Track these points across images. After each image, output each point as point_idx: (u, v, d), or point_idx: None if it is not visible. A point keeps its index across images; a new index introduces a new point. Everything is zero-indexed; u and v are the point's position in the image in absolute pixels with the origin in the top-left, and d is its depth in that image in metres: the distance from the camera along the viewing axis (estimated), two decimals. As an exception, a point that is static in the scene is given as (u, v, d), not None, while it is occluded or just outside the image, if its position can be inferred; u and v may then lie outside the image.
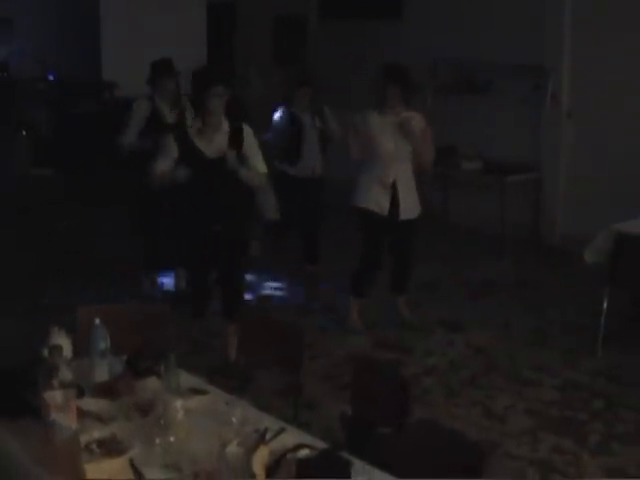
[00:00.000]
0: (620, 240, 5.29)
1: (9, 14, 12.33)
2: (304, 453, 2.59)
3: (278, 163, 6.55)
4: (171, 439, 2.66)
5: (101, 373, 3.12)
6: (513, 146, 8.05)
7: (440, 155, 8.04)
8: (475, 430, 4.40)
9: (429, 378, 5.16)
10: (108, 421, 2.84)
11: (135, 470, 2.54)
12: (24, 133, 10.74)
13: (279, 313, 6.00)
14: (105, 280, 6.66)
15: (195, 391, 3.09)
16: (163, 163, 4.79)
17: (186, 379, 3.14)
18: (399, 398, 3.10)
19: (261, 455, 2.51)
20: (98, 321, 3.14)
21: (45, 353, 2.98)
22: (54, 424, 2.59)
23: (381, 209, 5.61)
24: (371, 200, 5.62)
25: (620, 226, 5.39)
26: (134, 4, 9.38)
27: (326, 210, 6.87)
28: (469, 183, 8.42)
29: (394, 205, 5.60)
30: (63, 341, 3.07)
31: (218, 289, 5.16)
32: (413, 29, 8.94)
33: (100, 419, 2.85)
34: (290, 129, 6.46)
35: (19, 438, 2.71)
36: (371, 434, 3.07)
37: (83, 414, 2.81)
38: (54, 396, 2.66)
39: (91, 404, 2.93)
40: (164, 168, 4.77)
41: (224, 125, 4.83)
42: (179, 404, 2.76)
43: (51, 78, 11.75)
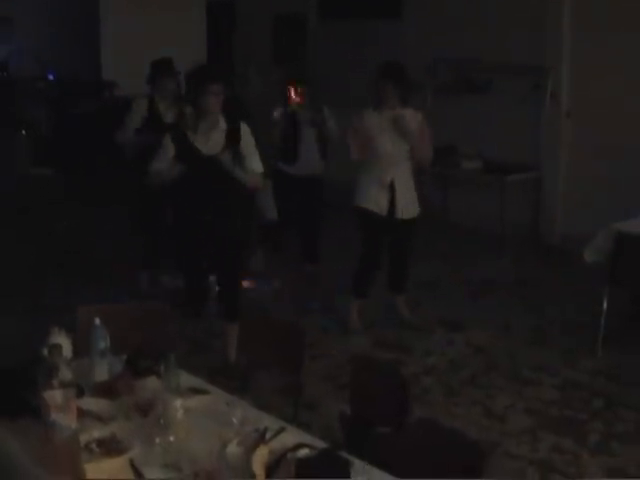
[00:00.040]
0: (620, 239, 5.29)
1: (9, 13, 12.34)
2: (304, 453, 2.59)
3: (275, 162, 6.54)
4: (171, 439, 2.66)
5: (101, 373, 3.13)
6: (513, 146, 8.05)
7: (440, 154, 8.07)
8: (475, 429, 4.40)
9: (429, 377, 5.16)
10: (108, 421, 2.84)
11: (135, 470, 2.55)
12: (24, 132, 10.74)
13: (279, 313, 6.00)
14: (105, 280, 6.66)
15: (195, 391, 3.09)
16: (160, 163, 4.79)
17: (186, 379, 3.14)
18: (399, 397, 3.10)
19: (261, 455, 2.52)
20: (98, 321, 3.15)
21: (45, 352, 2.99)
22: (54, 424, 2.59)
23: (380, 209, 5.61)
24: (370, 200, 5.62)
25: (620, 225, 5.39)
26: (134, 4, 9.37)
27: (326, 209, 6.86)
28: (469, 182, 8.42)
29: (392, 204, 5.61)
30: (63, 340, 3.07)
31: (215, 290, 5.16)
32: (413, 29, 8.94)
33: (100, 419, 2.85)
34: (287, 128, 6.46)
35: (19, 438, 2.70)
36: (370, 434, 3.07)
37: (83, 414, 2.81)
38: (54, 396, 2.66)
39: (91, 404, 2.93)
40: (161, 167, 4.77)
41: (221, 123, 4.81)
42: (179, 404, 2.76)
43: (51, 77, 11.76)
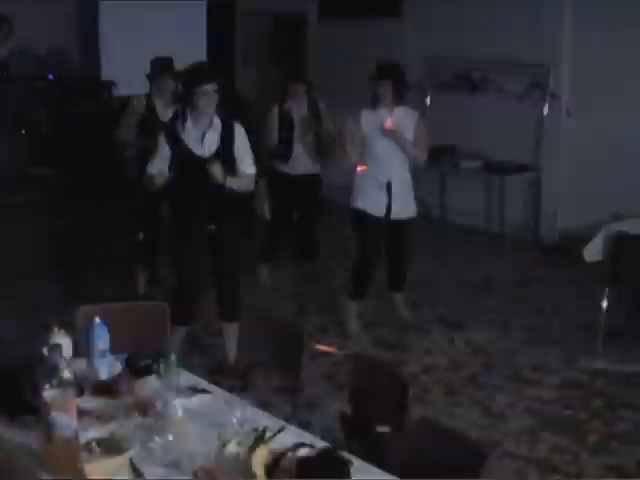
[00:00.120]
0: (620, 239, 5.29)
1: (9, 13, 12.32)
2: (303, 452, 2.60)
3: (271, 161, 6.52)
4: (170, 438, 2.66)
5: (101, 372, 3.13)
6: (513, 146, 8.05)
7: (440, 154, 8.10)
8: (474, 429, 4.40)
9: (428, 377, 5.16)
10: (108, 420, 2.84)
11: (134, 469, 2.55)
12: (23, 132, 10.72)
13: (279, 313, 6.00)
14: (105, 279, 6.66)
15: (195, 390, 3.10)
16: (154, 166, 4.75)
17: (186, 378, 3.14)
18: (398, 397, 3.10)
19: (260, 454, 2.52)
20: (98, 320, 3.15)
21: (45, 352, 2.99)
22: (54, 423, 2.59)
23: (377, 211, 5.59)
24: (367, 200, 5.60)
25: (620, 225, 5.39)
26: (134, 4, 9.37)
27: (324, 209, 6.85)
28: (469, 182, 8.42)
29: (390, 206, 5.58)
30: (63, 340, 3.07)
31: (214, 291, 5.13)
32: (413, 28, 8.94)
33: (100, 418, 2.85)
34: (282, 126, 6.44)
35: (19, 437, 2.71)
36: (370, 433, 3.07)
37: (83, 413, 2.81)
38: (54, 395, 2.66)
39: (91, 403, 2.93)
40: (156, 171, 4.74)
41: (216, 124, 4.75)
42: (178, 403, 2.76)
43: (51, 77, 11.74)
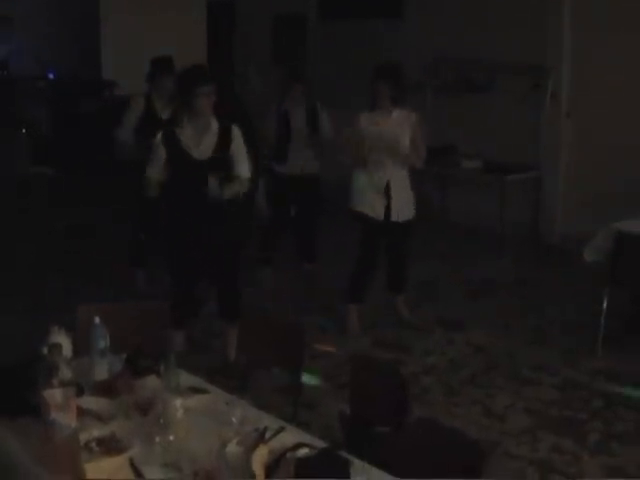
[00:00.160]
0: (620, 239, 5.29)
1: (9, 13, 12.34)
2: (303, 452, 2.59)
3: (269, 161, 6.52)
4: (171, 438, 2.65)
5: (101, 372, 3.12)
6: (513, 145, 8.06)
7: (440, 154, 8.10)
8: (475, 429, 4.40)
9: (428, 377, 5.16)
10: (108, 420, 2.84)
11: (134, 469, 2.54)
12: (24, 132, 10.74)
13: (279, 313, 6.00)
14: (105, 279, 6.67)
15: (195, 390, 3.09)
16: (153, 169, 4.73)
17: (186, 378, 3.13)
18: (398, 397, 3.10)
19: (260, 454, 2.51)
20: (98, 320, 3.14)
21: (45, 351, 2.98)
22: (54, 423, 2.59)
23: (376, 212, 5.58)
24: (366, 203, 5.59)
25: (620, 225, 5.39)
26: (134, 4, 9.37)
27: (324, 209, 6.83)
28: (469, 182, 8.43)
29: (388, 208, 5.57)
30: (63, 340, 3.07)
31: (214, 291, 5.14)
32: (413, 28, 8.94)
33: (100, 418, 2.85)
34: (280, 127, 6.43)
35: (19, 437, 2.70)
36: (370, 433, 3.07)
37: (83, 412, 2.81)
38: (54, 394, 2.66)
39: (91, 402, 2.93)
40: (154, 175, 4.73)
41: (213, 126, 4.71)
42: (179, 403, 2.76)
43: (51, 77, 11.76)
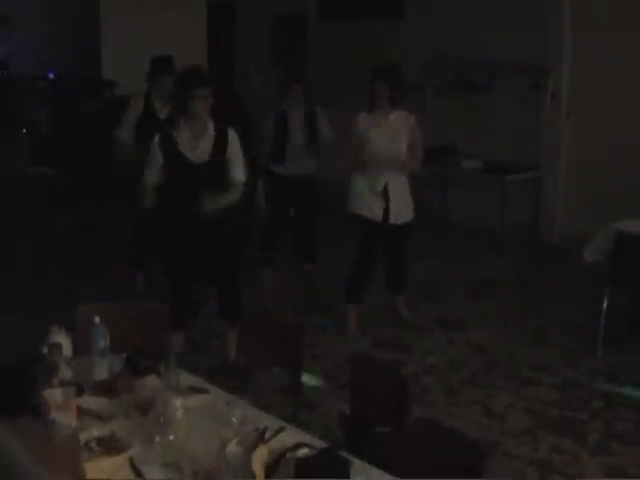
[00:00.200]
0: (620, 239, 5.29)
1: (9, 12, 12.35)
2: (303, 452, 2.59)
3: (267, 162, 6.51)
4: (171, 438, 2.65)
5: (101, 371, 3.12)
6: (513, 146, 8.06)
7: (440, 154, 8.11)
8: (474, 429, 4.39)
9: (428, 377, 5.16)
10: (108, 419, 2.84)
11: (134, 469, 2.54)
12: (24, 131, 10.74)
13: (279, 313, 5.99)
14: (105, 279, 6.67)
15: (195, 390, 3.09)
16: (150, 172, 4.72)
17: (186, 378, 3.13)
18: (398, 397, 3.10)
19: (260, 454, 2.51)
20: (98, 319, 3.15)
21: (45, 351, 2.98)
22: (54, 422, 2.59)
23: (374, 215, 5.57)
24: (364, 206, 5.58)
25: (620, 225, 5.39)
26: (134, 4, 9.37)
27: (322, 210, 6.82)
28: (469, 182, 8.42)
29: (387, 210, 5.56)
30: (63, 339, 3.07)
31: (214, 291, 5.13)
32: (413, 28, 8.94)
33: (100, 417, 2.85)
34: (277, 128, 6.43)
35: (19, 436, 2.70)
36: (370, 433, 3.07)
37: (83, 412, 2.81)
38: (54, 394, 2.66)
39: (91, 402, 2.93)
40: (151, 178, 4.71)
41: (209, 129, 4.68)
42: (179, 403, 2.76)
43: (51, 76, 11.76)
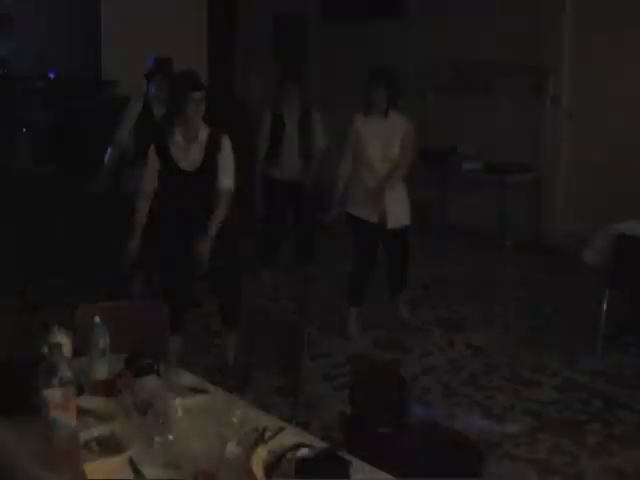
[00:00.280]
0: (620, 240, 5.29)
1: (9, 12, 12.34)
2: (303, 452, 2.59)
3: (261, 165, 6.50)
4: (170, 438, 2.65)
5: (101, 371, 3.12)
6: (513, 146, 8.06)
7: (440, 155, 8.11)
8: (474, 430, 4.39)
9: (428, 378, 5.16)
10: (107, 419, 2.83)
11: (134, 468, 2.54)
12: (24, 131, 10.73)
13: (279, 313, 6.00)
14: (105, 279, 6.66)
15: (195, 390, 3.09)
16: (148, 178, 4.70)
17: (186, 378, 3.13)
18: (398, 397, 3.10)
19: (260, 454, 2.51)
20: (98, 319, 3.14)
21: (45, 351, 2.98)
22: (53, 422, 2.58)
23: (370, 217, 5.57)
24: (361, 208, 5.58)
25: (620, 226, 5.39)
26: (134, 3, 9.38)
27: (321, 210, 6.81)
28: (469, 183, 8.42)
29: (383, 213, 5.54)
30: (63, 339, 3.06)
31: (213, 291, 5.13)
32: (413, 29, 8.95)
33: (99, 417, 2.85)
34: (273, 131, 6.42)
35: (18, 436, 2.71)
36: (370, 434, 3.07)
37: (82, 412, 2.80)
38: (53, 394, 2.65)
39: (91, 402, 2.93)
40: (149, 184, 4.70)
41: (201, 135, 4.62)
42: (178, 403, 2.76)
43: (51, 76, 11.75)
